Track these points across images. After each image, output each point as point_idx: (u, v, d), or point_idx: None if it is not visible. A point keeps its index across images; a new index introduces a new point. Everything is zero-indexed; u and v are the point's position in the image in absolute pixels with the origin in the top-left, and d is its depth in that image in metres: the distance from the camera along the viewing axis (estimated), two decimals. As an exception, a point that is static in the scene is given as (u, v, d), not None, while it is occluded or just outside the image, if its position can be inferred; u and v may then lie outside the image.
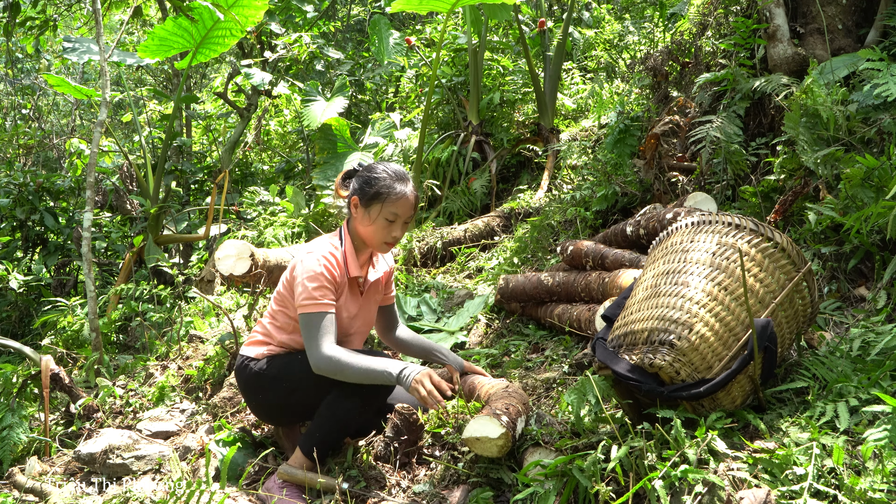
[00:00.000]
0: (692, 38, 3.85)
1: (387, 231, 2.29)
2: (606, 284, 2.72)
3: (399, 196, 2.26)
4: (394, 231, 2.30)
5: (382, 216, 2.26)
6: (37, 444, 2.96)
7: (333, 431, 2.23)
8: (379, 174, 2.29)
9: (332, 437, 2.24)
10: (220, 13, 4.58)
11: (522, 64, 6.16)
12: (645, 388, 1.71)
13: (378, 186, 2.26)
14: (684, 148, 3.53)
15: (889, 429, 1.48)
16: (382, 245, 2.32)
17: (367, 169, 2.34)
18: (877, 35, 3.14)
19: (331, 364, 2.14)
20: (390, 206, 2.26)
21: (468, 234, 4.61)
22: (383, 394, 2.27)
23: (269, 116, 9.29)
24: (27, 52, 8.92)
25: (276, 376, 2.29)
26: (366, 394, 2.21)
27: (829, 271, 2.51)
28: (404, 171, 2.34)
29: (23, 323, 5.46)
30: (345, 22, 10.40)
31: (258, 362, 2.33)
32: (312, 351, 2.17)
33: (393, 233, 2.30)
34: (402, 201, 2.27)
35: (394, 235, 2.31)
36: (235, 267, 3.42)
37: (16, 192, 5.65)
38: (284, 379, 2.28)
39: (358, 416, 2.24)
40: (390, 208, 2.26)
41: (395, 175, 2.29)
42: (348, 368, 2.13)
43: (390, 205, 2.26)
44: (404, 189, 2.28)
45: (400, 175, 2.30)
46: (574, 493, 1.69)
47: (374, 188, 2.26)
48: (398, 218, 2.28)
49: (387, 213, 2.26)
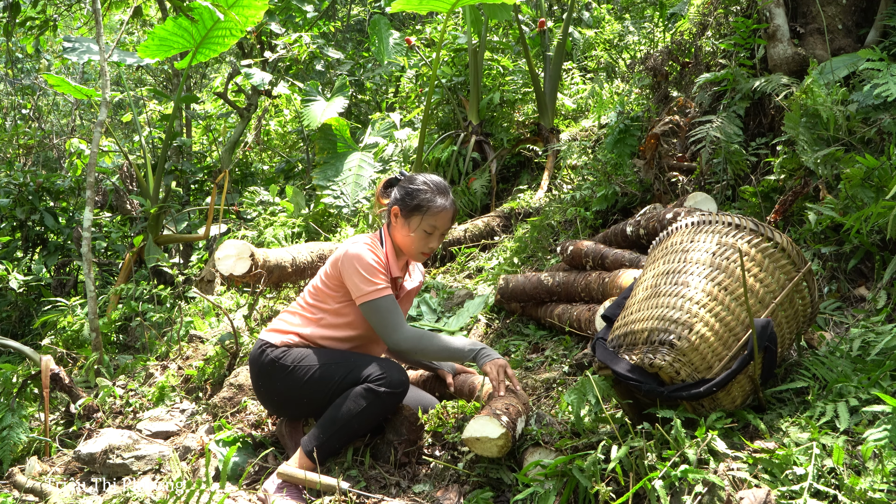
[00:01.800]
0: (692, 38, 3.85)
1: (424, 242, 2.36)
2: (606, 284, 2.72)
3: (440, 209, 2.35)
4: (431, 242, 2.38)
5: (422, 228, 2.34)
6: (37, 444, 2.96)
7: (340, 435, 2.21)
8: (420, 186, 2.37)
9: (337, 441, 2.22)
10: (220, 13, 4.58)
11: (522, 64, 6.16)
12: (645, 388, 1.71)
13: (420, 199, 2.34)
14: (684, 148, 3.53)
15: (889, 429, 1.48)
16: (419, 255, 2.40)
17: (409, 180, 2.41)
18: (877, 35, 3.14)
19: (415, 340, 2.24)
20: (430, 218, 2.34)
21: (468, 234, 4.61)
22: (393, 402, 2.23)
23: (269, 116, 9.29)
24: (27, 52, 8.92)
25: (291, 367, 2.29)
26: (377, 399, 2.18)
27: (829, 271, 2.51)
28: (445, 185, 2.41)
29: (23, 323, 5.46)
30: (345, 22, 10.40)
31: (276, 349, 2.34)
32: (391, 331, 2.24)
33: (430, 244, 2.38)
34: (443, 214, 2.36)
35: (430, 246, 2.39)
36: (235, 267, 3.42)
37: (16, 192, 5.65)
38: (298, 370, 2.28)
39: (369, 422, 2.22)
40: (430, 220, 2.34)
41: (437, 188, 2.37)
42: (430, 345, 2.23)
43: (431, 217, 2.34)
44: (444, 203, 2.36)
45: (441, 188, 2.38)
46: (574, 493, 1.69)
47: (415, 200, 2.35)
48: (436, 230, 2.36)
49: (426, 224, 2.34)
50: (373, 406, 2.18)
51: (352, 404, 2.19)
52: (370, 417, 2.20)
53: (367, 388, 2.18)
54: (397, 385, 2.20)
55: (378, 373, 2.20)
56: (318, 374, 2.25)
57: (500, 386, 2.11)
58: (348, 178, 6.07)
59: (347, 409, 2.19)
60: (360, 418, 2.19)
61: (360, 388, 2.19)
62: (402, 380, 2.22)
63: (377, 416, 2.23)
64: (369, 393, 2.17)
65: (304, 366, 2.28)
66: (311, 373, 2.26)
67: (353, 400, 2.19)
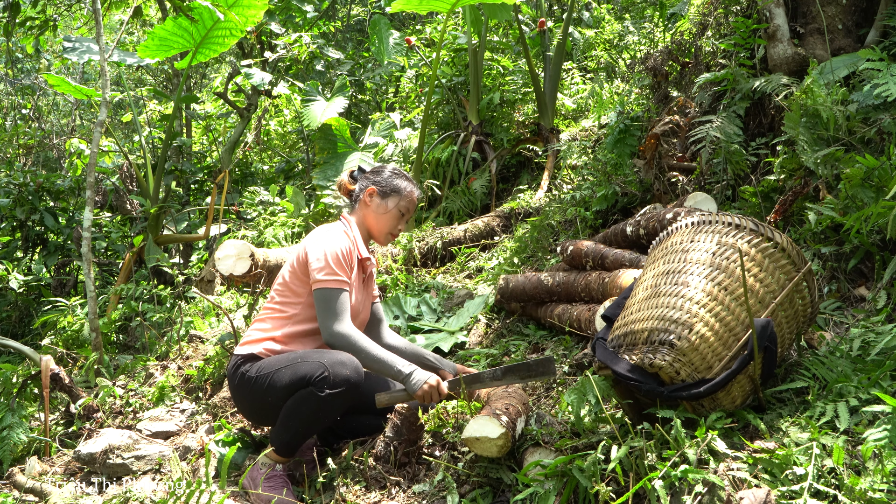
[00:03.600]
0: (692, 38, 3.85)
1: (395, 223, 2.53)
2: (606, 284, 2.72)
3: (412, 193, 2.56)
4: (400, 224, 2.55)
5: (398, 208, 2.51)
6: (37, 444, 2.96)
7: (296, 435, 2.22)
8: (395, 172, 2.57)
9: (295, 439, 2.24)
10: (220, 13, 4.58)
11: (522, 64, 6.15)
12: (645, 388, 1.71)
13: (397, 182, 2.53)
14: (684, 148, 3.53)
15: (889, 429, 1.48)
16: (387, 236, 2.54)
17: (379, 168, 2.59)
18: (877, 35, 3.14)
19: (347, 341, 2.23)
20: (405, 200, 2.53)
21: (468, 234, 4.61)
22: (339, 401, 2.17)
23: (269, 116, 9.29)
24: (27, 52, 8.92)
25: (255, 378, 2.27)
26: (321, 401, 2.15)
27: (829, 271, 2.51)
28: (412, 175, 2.66)
29: (23, 323, 5.46)
30: (345, 22, 10.40)
31: (245, 363, 2.33)
32: (329, 324, 2.24)
33: (399, 226, 2.55)
34: (413, 200, 2.58)
35: (399, 228, 2.56)
36: (235, 267, 3.42)
37: (16, 192, 5.65)
38: (260, 380, 2.25)
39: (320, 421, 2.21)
40: (405, 203, 2.53)
41: (409, 177, 2.60)
42: (363, 351, 2.22)
43: (405, 200, 2.53)
44: (415, 190, 2.59)
45: (411, 178, 2.61)
46: (574, 493, 1.69)
47: (394, 181, 2.53)
48: (408, 213, 2.55)
49: (402, 206, 2.52)
50: (318, 408, 2.15)
51: (299, 408, 2.18)
52: (319, 419, 2.19)
53: (309, 391, 2.15)
54: (340, 384, 2.13)
55: (319, 373, 2.14)
56: (272, 381, 2.23)
57: (428, 400, 2.19)
58: (348, 178, 6.06)
59: (297, 413, 2.18)
60: (309, 420, 2.19)
61: (304, 391, 2.16)
62: (344, 377, 2.15)
63: (327, 415, 2.20)
64: (311, 397, 2.14)
65: (263, 374, 2.26)
66: (268, 380, 2.24)
67: (299, 404, 2.17)
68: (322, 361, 2.18)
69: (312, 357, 2.22)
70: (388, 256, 4.28)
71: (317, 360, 2.19)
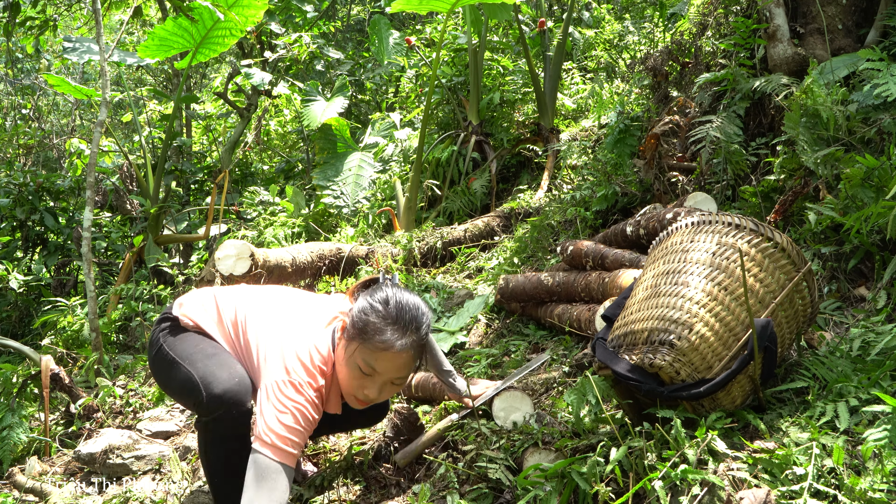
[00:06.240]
0: (692, 38, 3.84)
1: (358, 382, 1.76)
2: (606, 284, 2.72)
3: (384, 346, 1.72)
4: (367, 387, 1.77)
5: (355, 360, 1.74)
6: (37, 444, 2.96)
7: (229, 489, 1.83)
8: (378, 306, 1.76)
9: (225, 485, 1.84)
10: (220, 13, 4.58)
11: (522, 64, 6.15)
12: (645, 388, 1.71)
13: (367, 322, 1.74)
14: (684, 148, 3.53)
15: (889, 429, 1.48)
16: (350, 397, 1.81)
17: (378, 291, 1.82)
18: (877, 35, 3.14)
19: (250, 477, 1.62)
20: (368, 353, 1.73)
21: (468, 234, 4.61)
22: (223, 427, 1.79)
23: (269, 116, 9.29)
24: (27, 52, 8.92)
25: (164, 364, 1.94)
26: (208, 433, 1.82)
27: (829, 271, 2.51)
28: (415, 318, 1.77)
29: (23, 323, 5.46)
30: (345, 22, 10.40)
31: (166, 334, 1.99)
32: (248, 495, 1.60)
33: (365, 389, 1.77)
34: (385, 355, 1.73)
35: (365, 392, 1.78)
36: (235, 267, 3.42)
37: (16, 192, 5.65)
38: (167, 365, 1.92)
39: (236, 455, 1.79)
40: (368, 356, 1.73)
41: (398, 319, 1.74)
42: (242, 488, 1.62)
43: (369, 352, 1.73)
44: (395, 340, 1.72)
45: (404, 321, 1.75)
46: (574, 493, 1.69)
47: (362, 321, 1.74)
48: (375, 373, 1.75)
49: (361, 359, 1.73)
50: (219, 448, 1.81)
51: (205, 460, 1.87)
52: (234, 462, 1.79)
53: (197, 422, 1.85)
54: (214, 409, 1.75)
55: (197, 400, 1.78)
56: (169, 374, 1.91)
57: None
58: (348, 178, 6.08)
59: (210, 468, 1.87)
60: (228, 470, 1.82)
61: (198, 423, 1.85)
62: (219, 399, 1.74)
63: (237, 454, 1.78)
64: (201, 434, 1.85)
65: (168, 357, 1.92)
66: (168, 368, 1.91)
67: (201, 454, 1.88)
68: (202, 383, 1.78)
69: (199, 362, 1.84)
70: (389, 256, 4.28)
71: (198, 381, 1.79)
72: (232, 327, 1.94)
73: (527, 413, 2.13)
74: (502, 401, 2.15)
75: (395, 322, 1.73)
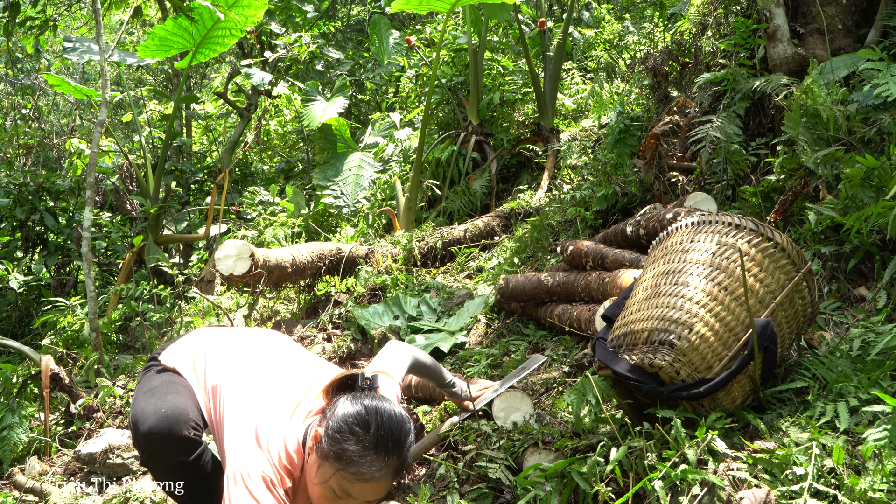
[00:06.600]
0: (692, 38, 3.84)
1: (329, 503, 1.61)
2: (606, 284, 2.72)
3: (364, 477, 1.56)
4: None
5: (330, 485, 1.58)
6: (37, 444, 2.96)
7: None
8: (358, 432, 1.57)
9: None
10: (220, 13, 4.58)
11: (522, 64, 6.15)
12: (645, 388, 1.71)
13: (343, 446, 1.56)
14: (684, 148, 3.53)
15: (889, 429, 1.48)
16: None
17: (355, 405, 1.61)
18: (877, 35, 3.14)
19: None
20: (346, 481, 1.56)
21: (468, 234, 4.61)
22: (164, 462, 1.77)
23: (269, 116, 9.29)
24: (27, 52, 8.92)
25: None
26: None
27: (829, 271, 2.51)
28: (396, 441, 1.60)
29: (23, 323, 5.46)
30: (345, 22, 10.40)
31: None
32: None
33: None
34: (365, 486, 1.57)
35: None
36: (235, 267, 3.42)
37: (16, 192, 5.65)
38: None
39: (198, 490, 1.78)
40: (344, 484, 1.57)
41: (380, 445, 1.57)
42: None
43: (346, 480, 1.56)
44: (375, 472, 1.56)
45: (386, 447, 1.57)
46: (574, 493, 1.69)
47: (339, 446, 1.56)
48: (349, 498, 1.59)
49: (336, 485, 1.57)
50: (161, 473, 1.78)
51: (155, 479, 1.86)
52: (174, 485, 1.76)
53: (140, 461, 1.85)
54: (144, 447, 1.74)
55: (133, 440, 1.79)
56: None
57: None
58: (348, 178, 6.08)
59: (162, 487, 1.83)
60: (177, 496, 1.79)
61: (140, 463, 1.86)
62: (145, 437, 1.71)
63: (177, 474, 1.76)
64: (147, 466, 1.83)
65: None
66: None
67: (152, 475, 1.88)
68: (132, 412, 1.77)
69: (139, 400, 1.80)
70: (389, 256, 4.28)
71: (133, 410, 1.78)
72: (211, 393, 1.86)
73: (527, 413, 2.13)
74: (502, 401, 2.15)
75: (375, 451, 1.56)
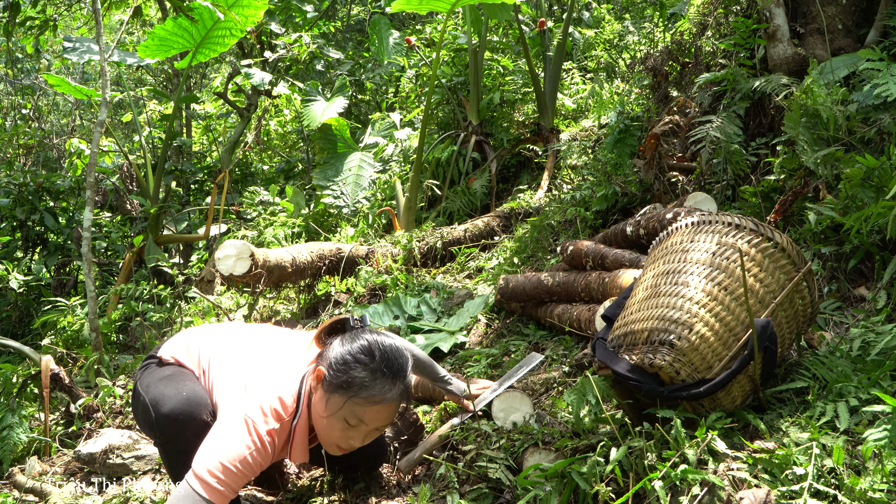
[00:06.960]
0: (692, 38, 3.85)
1: (343, 434, 1.70)
2: (606, 284, 2.72)
3: (375, 400, 1.67)
4: (352, 438, 1.72)
5: (342, 415, 1.67)
6: (37, 444, 2.96)
7: None
8: (362, 357, 1.68)
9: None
10: (220, 13, 4.58)
11: (522, 64, 6.16)
12: (645, 388, 1.71)
13: (352, 375, 1.66)
14: (684, 148, 3.53)
15: (889, 429, 1.48)
16: (332, 446, 1.75)
17: (356, 338, 1.73)
18: (877, 35, 3.14)
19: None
20: (358, 407, 1.66)
21: (468, 234, 4.61)
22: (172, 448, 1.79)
23: (269, 116, 9.29)
24: (27, 52, 8.92)
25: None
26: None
27: (829, 271, 2.51)
28: (401, 365, 1.71)
29: (23, 323, 5.46)
30: (345, 22, 10.40)
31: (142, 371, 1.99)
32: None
33: (351, 440, 1.72)
34: (377, 409, 1.68)
35: (351, 443, 1.73)
36: (235, 267, 3.42)
37: (16, 192, 5.65)
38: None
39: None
40: (357, 410, 1.67)
41: (386, 367, 1.68)
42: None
43: (358, 406, 1.66)
44: (386, 392, 1.67)
45: (393, 369, 1.69)
46: (574, 493, 1.69)
47: (347, 374, 1.66)
48: (361, 425, 1.69)
49: (349, 412, 1.67)
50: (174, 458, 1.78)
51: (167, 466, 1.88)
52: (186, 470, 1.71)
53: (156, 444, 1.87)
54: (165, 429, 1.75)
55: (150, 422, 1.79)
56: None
57: None
58: (348, 178, 6.08)
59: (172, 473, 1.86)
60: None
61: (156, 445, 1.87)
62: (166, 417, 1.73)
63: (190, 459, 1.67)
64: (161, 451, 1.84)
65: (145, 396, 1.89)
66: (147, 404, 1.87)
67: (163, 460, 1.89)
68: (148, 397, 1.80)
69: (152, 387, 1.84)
70: (389, 256, 4.28)
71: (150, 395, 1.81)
72: (207, 368, 1.90)
73: (527, 413, 2.13)
74: (502, 401, 2.15)
75: (383, 374, 1.67)
